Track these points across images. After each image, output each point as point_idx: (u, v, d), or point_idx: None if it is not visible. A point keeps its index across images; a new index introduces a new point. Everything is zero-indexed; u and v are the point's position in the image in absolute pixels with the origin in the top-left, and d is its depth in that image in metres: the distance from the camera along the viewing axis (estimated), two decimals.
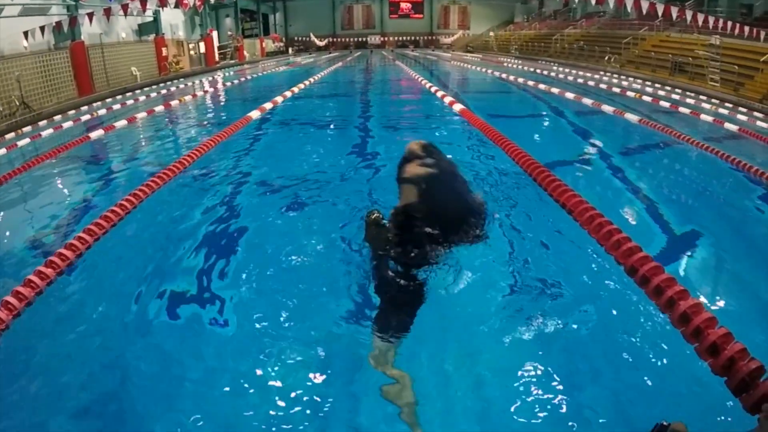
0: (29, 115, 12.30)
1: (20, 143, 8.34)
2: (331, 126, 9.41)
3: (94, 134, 7.94)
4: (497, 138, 4.34)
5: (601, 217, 2.22)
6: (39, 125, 10.95)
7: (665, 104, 11.30)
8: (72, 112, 12.79)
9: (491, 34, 40.99)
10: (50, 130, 9.52)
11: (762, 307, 3.15)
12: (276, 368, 2.44)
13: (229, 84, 17.73)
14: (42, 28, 14.07)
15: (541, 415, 2.18)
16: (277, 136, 8.39)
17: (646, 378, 2.41)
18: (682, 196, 5.47)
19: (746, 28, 15.72)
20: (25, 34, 13.53)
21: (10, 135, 9.96)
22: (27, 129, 10.57)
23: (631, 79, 18.22)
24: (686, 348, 1.65)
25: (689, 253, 3.85)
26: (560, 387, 2.34)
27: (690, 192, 5.73)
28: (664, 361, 2.48)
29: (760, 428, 1.33)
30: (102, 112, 11.81)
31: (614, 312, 2.92)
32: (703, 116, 9.70)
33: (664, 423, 1.45)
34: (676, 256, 3.79)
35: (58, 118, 11.98)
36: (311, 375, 2.41)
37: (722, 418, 2.05)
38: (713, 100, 13.42)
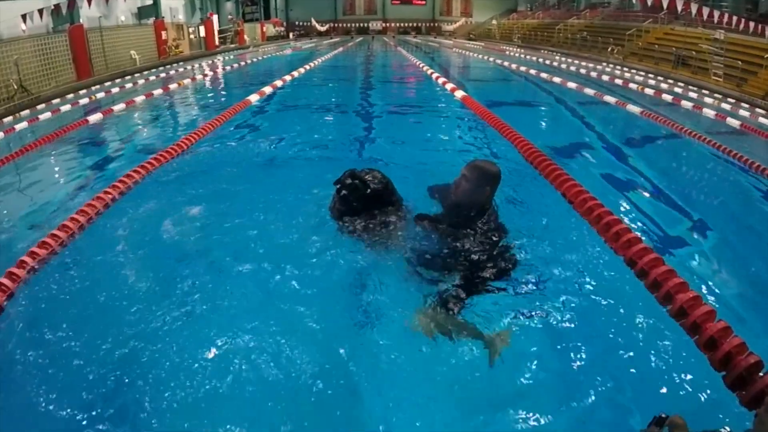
0: (27, 99, 12.19)
1: (18, 127, 8.28)
2: (331, 111, 9.35)
3: (93, 118, 7.89)
4: (498, 125, 4.31)
5: (601, 207, 2.21)
6: (37, 109, 10.86)
7: (667, 97, 11.25)
8: (70, 95, 12.67)
9: (494, 22, 40.68)
10: (48, 114, 9.45)
11: (762, 302, 3.14)
12: (277, 365, 2.42)
13: (228, 68, 17.62)
14: (40, 11, 13.89)
15: (536, 408, 2.17)
16: (276, 120, 8.34)
17: (644, 370, 2.40)
18: (682, 190, 5.44)
19: (751, 24, 15.62)
20: (23, 17, 13.37)
21: (8, 119, 9.88)
22: (25, 113, 10.49)
23: (633, 71, 18.11)
24: (688, 340, 1.64)
25: (689, 247, 3.84)
26: (555, 380, 2.33)
27: (691, 186, 5.71)
28: (664, 353, 2.47)
29: (760, 423, 1.32)
30: (100, 95, 11.73)
31: (612, 303, 2.90)
32: (705, 110, 9.66)
33: (663, 415, 1.44)
34: (675, 249, 3.77)
35: (56, 101, 11.88)
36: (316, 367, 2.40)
37: (722, 411, 2.04)
38: (716, 95, 13.34)
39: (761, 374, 1.46)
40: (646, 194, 5.02)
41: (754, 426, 1.35)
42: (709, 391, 2.11)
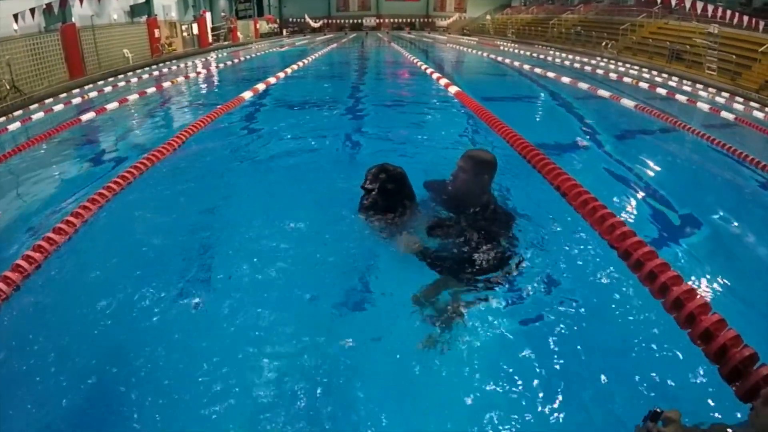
0: (20, 99, 12.11)
1: (11, 127, 8.22)
2: (325, 107, 9.31)
3: (85, 117, 7.84)
4: (492, 121, 4.31)
5: (596, 201, 2.20)
6: (30, 109, 10.79)
7: (662, 91, 11.26)
8: (63, 95, 12.59)
9: (488, 17, 40.65)
10: (41, 114, 9.39)
11: (756, 294, 3.15)
12: (273, 364, 2.41)
13: (222, 65, 17.53)
14: (32, 11, 13.80)
15: (530, 403, 2.17)
16: (270, 117, 8.31)
17: (637, 364, 2.40)
18: (677, 183, 5.46)
19: (745, 18, 15.65)
20: (15, 16, 13.28)
21: (1, 119, 9.81)
22: (18, 113, 10.42)
23: (627, 65, 18.13)
24: (683, 335, 1.64)
25: (683, 240, 3.85)
26: (549, 374, 2.33)
27: (685, 179, 5.73)
28: (657, 348, 2.47)
29: (755, 415, 1.32)
30: (93, 94, 11.65)
31: (607, 297, 2.91)
32: (699, 104, 9.68)
33: (658, 410, 1.44)
34: (669, 242, 3.78)
35: (48, 101, 11.80)
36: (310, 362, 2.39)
37: (718, 405, 2.04)
38: (710, 89, 13.38)
39: (756, 367, 1.46)
40: (641, 188, 5.03)
41: (749, 418, 1.35)
42: (703, 386, 2.11)
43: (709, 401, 2.07)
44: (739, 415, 1.43)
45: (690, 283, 1.73)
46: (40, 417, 2.17)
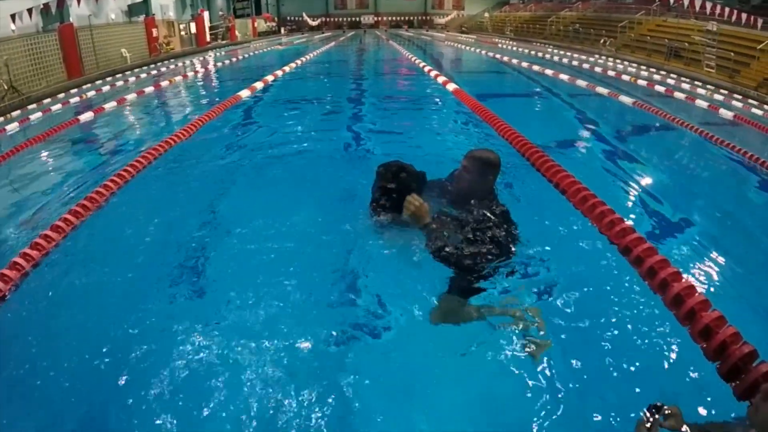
0: (18, 99, 12.09)
1: (9, 128, 8.21)
2: (323, 105, 9.31)
3: (84, 117, 7.83)
4: (490, 118, 4.31)
5: (595, 197, 2.20)
6: (28, 109, 10.77)
7: (660, 89, 11.26)
8: (61, 95, 12.57)
9: (486, 14, 40.64)
10: (39, 114, 9.38)
11: (755, 292, 3.15)
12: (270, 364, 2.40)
13: (220, 64, 17.50)
14: (30, 11, 13.75)
15: (529, 402, 2.17)
16: (268, 115, 8.30)
17: (639, 362, 2.40)
18: (675, 180, 5.46)
19: (743, 15, 15.65)
20: (13, 16, 13.24)
21: None
22: (16, 113, 10.39)
23: (626, 62, 18.12)
24: (679, 334, 1.63)
25: (682, 237, 3.85)
26: (549, 372, 2.32)
27: (684, 176, 5.73)
28: (659, 344, 2.47)
29: (754, 411, 1.32)
30: (91, 94, 11.64)
31: (606, 294, 2.90)
32: (698, 102, 9.68)
33: (659, 404, 1.44)
34: (668, 239, 3.78)
35: (47, 101, 11.78)
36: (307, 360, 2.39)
37: (717, 403, 2.04)
38: (708, 86, 13.37)
39: (755, 364, 1.45)
40: (640, 184, 5.03)
41: (747, 414, 1.35)
42: (701, 384, 2.11)
43: (708, 399, 2.07)
44: (735, 409, 1.43)
45: (690, 279, 1.72)
46: (38, 417, 2.17)
